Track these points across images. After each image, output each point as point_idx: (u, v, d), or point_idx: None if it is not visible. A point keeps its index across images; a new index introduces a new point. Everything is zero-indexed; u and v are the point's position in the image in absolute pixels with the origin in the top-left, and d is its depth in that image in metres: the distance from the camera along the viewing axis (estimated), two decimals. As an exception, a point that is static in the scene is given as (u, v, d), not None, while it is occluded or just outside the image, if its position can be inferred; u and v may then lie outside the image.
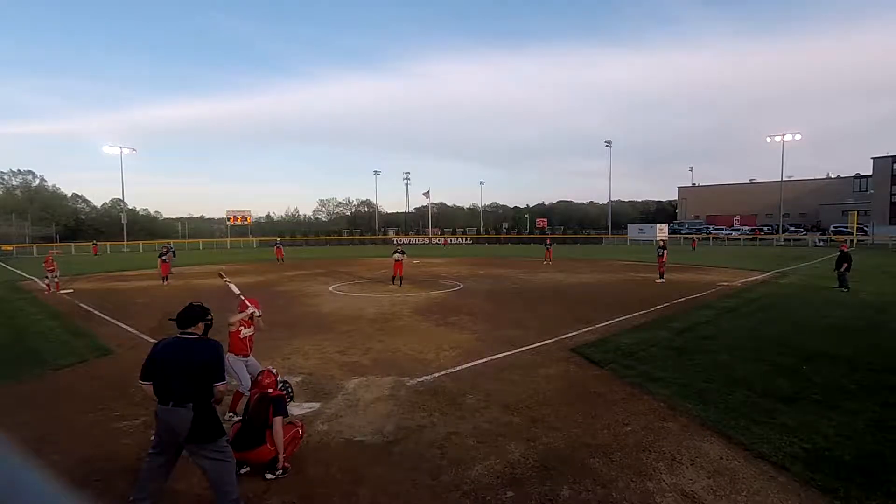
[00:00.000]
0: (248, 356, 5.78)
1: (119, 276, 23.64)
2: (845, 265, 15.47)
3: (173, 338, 3.86)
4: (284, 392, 4.87)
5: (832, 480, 4.06)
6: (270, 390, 4.66)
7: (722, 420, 5.34)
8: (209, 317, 3.97)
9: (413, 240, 63.94)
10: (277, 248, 33.43)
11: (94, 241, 51.09)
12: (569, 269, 24.09)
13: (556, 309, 12.75)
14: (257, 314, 5.82)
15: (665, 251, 19.43)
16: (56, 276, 17.57)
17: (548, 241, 30.52)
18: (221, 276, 6.57)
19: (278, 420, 4.39)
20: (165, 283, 19.43)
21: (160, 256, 20.34)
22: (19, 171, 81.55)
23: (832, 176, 77.80)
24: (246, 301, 5.88)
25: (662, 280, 18.42)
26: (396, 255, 18.00)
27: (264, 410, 4.44)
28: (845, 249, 16.29)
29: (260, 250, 51.67)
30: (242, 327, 5.72)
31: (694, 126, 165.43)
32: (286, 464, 4.39)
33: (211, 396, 3.69)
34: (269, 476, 4.30)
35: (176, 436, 3.66)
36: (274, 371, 4.95)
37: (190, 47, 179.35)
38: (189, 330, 3.84)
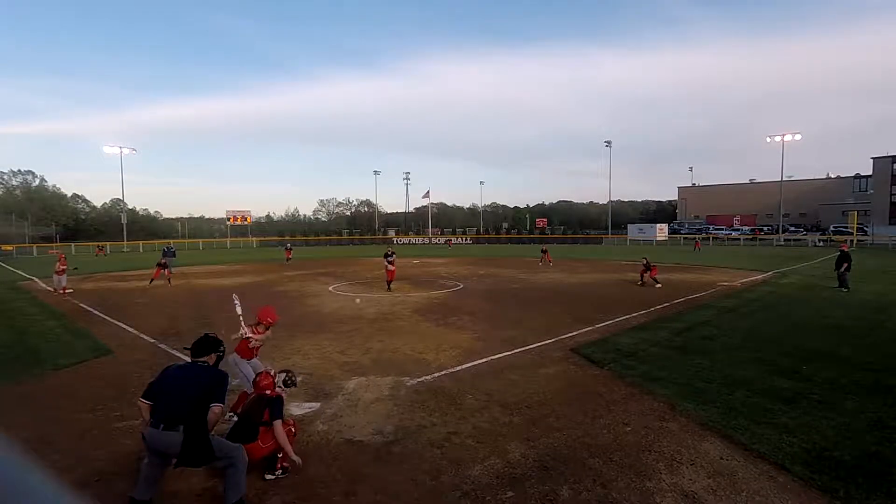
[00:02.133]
0: (253, 359, 5.95)
1: (119, 276, 23.62)
2: (845, 265, 15.48)
3: (186, 363, 4.11)
4: (288, 382, 4.96)
5: (832, 480, 4.06)
6: (268, 391, 4.67)
7: (722, 420, 5.34)
8: (221, 348, 4.19)
9: (413, 240, 63.98)
10: (287, 249, 34.16)
11: (98, 245, 50.20)
12: (568, 269, 24.09)
13: (555, 309, 12.74)
14: (256, 342, 5.93)
15: (653, 267, 17.49)
16: (64, 278, 16.93)
17: (543, 248, 28.91)
18: (234, 301, 6.53)
19: (278, 423, 4.36)
20: (157, 283, 19.14)
21: (157, 264, 20.29)
22: (19, 171, 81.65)
23: (832, 176, 77.82)
24: (244, 327, 5.96)
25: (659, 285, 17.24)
26: (389, 260, 17.21)
27: (260, 411, 4.45)
28: (845, 249, 16.28)
29: (268, 250, 51.57)
30: (254, 336, 5.87)
31: (694, 126, 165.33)
32: (285, 463, 4.39)
33: (205, 422, 3.73)
34: (268, 476, 4.31)
35: (167, 457, 3.76)
36: (272, 372, 4.94)
37: (190, 47, 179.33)
38: (203, 359, 4.04)
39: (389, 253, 17.45)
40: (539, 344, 8.92)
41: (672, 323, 10.58)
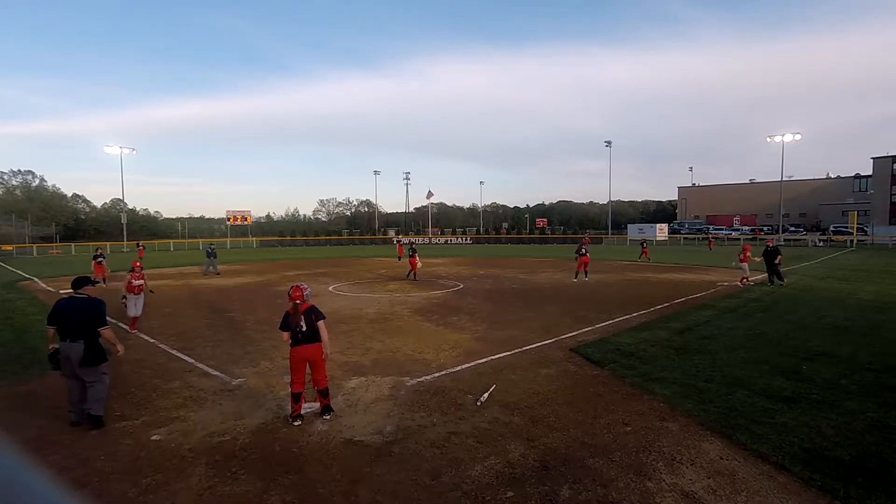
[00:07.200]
0: None
1: (118, 276, 23.59)
2: (779, 258, 16.71)
3: (70, 296, 5.67)
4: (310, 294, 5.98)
5: (832, 480, 4.06)
6: (299, 301, 5.70)
7: (722, 420, 5.33)
8: (93, 281, 5.90)
9: (413, 240, 64.01)
10: (399, 244, 33.00)
11: (139, 244, 46.18)
12: (569, 269, 24.07)
13: (556, 309, 12.74)
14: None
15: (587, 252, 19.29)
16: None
17: (643, 243, 30.06)
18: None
19: (322, 323, 5.67)
20: (104, 284, 18.85)
21: (94, 258, 20.04)
22: (19, 171, 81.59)
23: (832, 176, 77.79)
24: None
25: (587, 279, 18.86)
26: (410, 252, 20.03)
27: (311, 317, 5.64)
28: (771, 244, 17.72)
29: (323, 248, 51.49)
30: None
31: (694, 126, 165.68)
32: (325, 401, 5.70)
33: (98, 336, 5.47)
34: (325, 417, 5.54)
35: (72, 363, 5.33)
36: (302, 285, 5.90)
37: (190, 47, 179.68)
38: (81, 291, 5.68)
39: (412, 246, 20.64)
40: (539, 344, 8.92)
41: (672, 323, 10.58)
